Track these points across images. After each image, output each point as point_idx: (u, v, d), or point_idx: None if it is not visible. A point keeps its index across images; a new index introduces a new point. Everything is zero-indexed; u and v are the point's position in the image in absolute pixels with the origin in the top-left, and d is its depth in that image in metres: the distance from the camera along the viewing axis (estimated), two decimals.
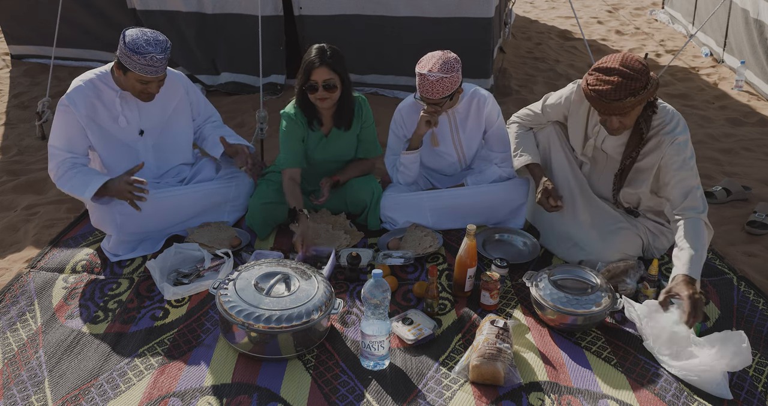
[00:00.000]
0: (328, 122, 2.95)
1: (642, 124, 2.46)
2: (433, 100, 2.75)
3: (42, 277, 2.67)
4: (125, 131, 2.83)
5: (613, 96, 2.27)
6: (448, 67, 2.69)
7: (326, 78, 2.73)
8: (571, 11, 6.95)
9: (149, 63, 2.57)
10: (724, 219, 3.15)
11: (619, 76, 2.26)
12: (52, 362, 2.20)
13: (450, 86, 2.71)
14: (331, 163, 3.05)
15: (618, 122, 2.39)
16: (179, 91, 2.96)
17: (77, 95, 2.70)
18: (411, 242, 2.83)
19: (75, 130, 2.71)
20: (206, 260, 2.65)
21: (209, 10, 4.72)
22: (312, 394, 2.07)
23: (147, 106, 2.85)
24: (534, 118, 2.85)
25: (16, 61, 5.65)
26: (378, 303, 2.06)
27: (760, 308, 2.47)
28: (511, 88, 5.08)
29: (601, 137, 2.61)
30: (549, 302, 2.29)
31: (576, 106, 2.65)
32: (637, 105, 2.31)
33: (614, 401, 2.03)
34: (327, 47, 2.76)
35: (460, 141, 3.02)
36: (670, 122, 2.44)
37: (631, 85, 2.25)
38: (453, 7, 4.36)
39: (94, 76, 2.76)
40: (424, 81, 2.70)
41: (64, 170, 2.70)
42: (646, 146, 2.49)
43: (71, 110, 2.68)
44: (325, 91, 2.75)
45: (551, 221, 2.79)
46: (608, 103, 2.29)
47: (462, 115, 2.97)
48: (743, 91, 5.02)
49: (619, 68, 2.27)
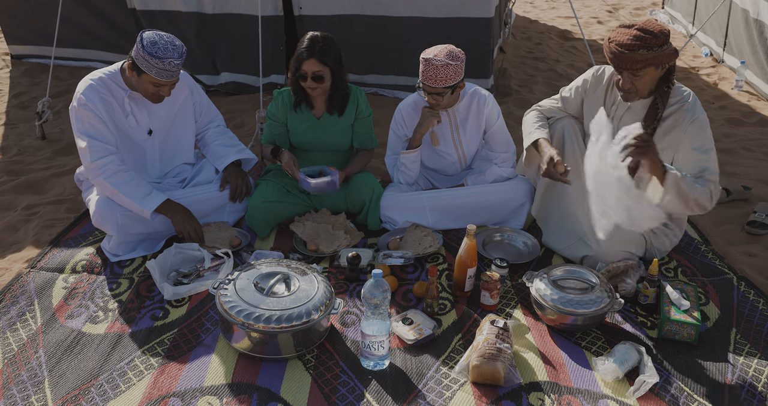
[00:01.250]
0: (321, 106, 2.97)
1: (658, 100, 2.48)
2: (435, 89, 2.75)
3: (42, 277, 2.67)
4: (135, 131, 2.83)
5: (627, 45, 2.31)
6: (452, 55, 2.71)
7: (315, 70, 2.77)
8: (571, 11, 6.95)
9: (166, 67, 2.58)
10: (724, 219, 3.15)
11: (637, 30, 2.32)
12: (52, 362, 2.20)
13: (453, 75, 2.72)
14: (325, 153, 3.07)
15: (629, 82, 2.42)
16: (184, 91, 2.97)
17: (92, 93, 2.68)
18: (411, 242, 2.83)
19: (101, 124, 2.69)
20: (206, 260, 2.66)
21: (209, 10, 4.72)
22: (312, 394, 2.07)
23: (155, 106, 2.86)
24: (555, 106, 2.84)
25: (16, 61, 5.65)
26: (378, 303, 2.06)
27: (760, 308, 2.47)
28: (511, 88, 5.08)
29: (618, 116, 2.61)
30: (549, 302, 2.29)
31: (593, 88, 2.68)
32: (650, 64, 2.33)
33: (614, 401, 2.03)
34: (320, 37, 2.78)
35: (460, 141, 3.02)
36: (689, 100, 2.47)
37: (647, 39, 2.30)
38: (453, 7, 4.36)
39: (103, 75, 2.75)
40: (429, 66, 2.70)
41: (113, 169, 2.66)
42: (665, 124, 2.49)
43: (90, 108, 2.66)
44: (313, 81, 2.79)
45: (560, 214, 2.77)
46: (621, 52, 2.33)
47: (462, 115, 2.97)
48: (743, 91, 5.02)
49: (639, 25, 2.34)
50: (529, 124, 2.84)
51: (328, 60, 2.78)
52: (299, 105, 2.97)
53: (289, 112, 2.99)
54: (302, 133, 3.00)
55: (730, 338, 2.31)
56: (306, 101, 2.96)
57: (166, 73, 2.60)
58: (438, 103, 2.82)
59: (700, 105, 2.49)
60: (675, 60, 2.39)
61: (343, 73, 2.88)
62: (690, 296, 2.39)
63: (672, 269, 2.72)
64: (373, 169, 3.55)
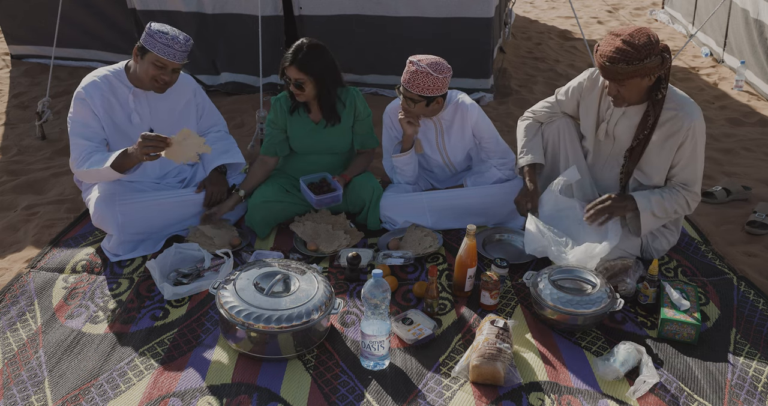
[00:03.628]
0: (318, 111, 2.96)
1: (649, 108, 2.48)
2: (409, 94, 2.76)
3: (42, 277, 2.67)
4: (137, 129, 2.83)
5: (608, 57, 2.33)
6: (438, 67, 2.70)
7: (296, 77, 2.77)
8: (571, 11, 6.96)
9: (170, 44, 2.61)
10: (724, 219, 3.15)
11: (621, 42, 2.31)
12: (52, 362, 2.20)
13: (432, 87, 2.71)
14: (326, 156, 3.06)
15: (616, 90, 2.43)
16: (188, 92, 2.99)
17: (93, 89, 2.71)
18: (411, 242, 2.83)
19: (92, 120, 2.72)
20: (206, 260, 2.66)
21: (209, 10, 4.73)
22: (312, 394, 2.07)
23: (158, 105, 2.86)
24: (548, 110, 2.84)
25: (16, 61, 5.65)
26: (378, 303, 2.06)
27: (760, 308, 2.47)
28: (511, 88, 5.08)
29: (614, 120, 2.61)
30: (549, 302, 2.29)
31: (588, 91, 2.68)
32: (634, 76, 2.33)
33: (614, 401, 2.03)
34: (306, 45, 2.76)
35: (444, 148, 3.03)
36: (687, 105, 2.47)
37: (628, 53, 2.29)
38: (453, 7, 4.36)
39: (108, 73, 2.77)
40: (409, 68, 2.73)
41: (85, 155, 2.68)
42: (662, 129, 2.49)
43: (87, 102, 2.69)
44: (295, 88, 2.80)
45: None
46: (603, 63, 2.35)
47: (447, 123, 2.98)
48: (743, 91, 5.02)
49: (625, 36, 2.32)
50: (520, 136, 2.89)
51: (309, 69, 2.75)
52: (296, 109, 2.96)
53: (287, 117, 2.98)
54: (302, 138, 3.00)
55: (730, 338, 2.31)
56: (303, 105, 2.95)
57: (170, 51, 2.62)
58: (408, 109, 2.82)
59: (697, 112, 2.47)
60: (664, 70, 2.38)
61: (329, 84, 2.83)
62: (690, 296, 2.39)
63: (672, 269, 2.72)
64: (373, 169, 3.54)
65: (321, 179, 2.97)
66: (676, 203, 2.53)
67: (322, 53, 2.78)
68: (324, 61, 2.79)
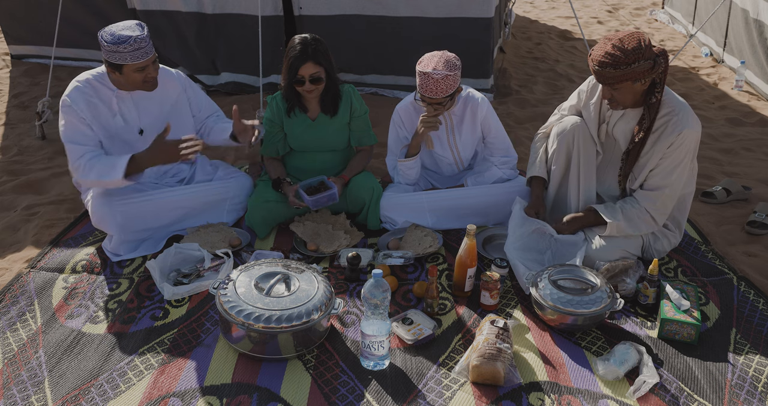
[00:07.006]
0: (315, 108, 2.97)
1: (645, 112, 2.48)
2: (436, 100, 2.75)
3: (42, 277, 2.67)
4: (126, 130, 2.82)
5: (597, 62, 2.36)
6: (450, 65, 2.70)
7: (312, 72, 2.77)
8: (571, 11, 6.95)
9: (136, 47, 2.59)
10: (724, 219, 3.15)
11: (611, 46, 2.33)
12: (52, 362, 2.20)
13: (453, 84, 2.72)
14: (324, 154, 3.06)
15: (609, 93, 2.45)
16: (176, 88, 2.96)
17: (77, 95, 2.70)
18: (411, 242, 2.83)
19: (82, 125, 2.71)
20: (206, 260, 2.66)
21: (209, 10, 4.72)
22: (312, 394, 2.07)
23: (145, 104, 2.85)
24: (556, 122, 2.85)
25: (16, 61, 5.65)
26: (378, 303, 2.06)
27: (760, 308, 2.47)
28: (511, 88, 5.08)
29: (612, 122, 2.62)
30: (549, 302, 2.29)
31: (589, 95, 2.69)
32: (624, 80, 2.35)
33: (614, 401, 2.03)
34: (310, 39, 2.78)
35: (456, 144, 3.02)
36: (683, 111, 2.46)
37: (617, 58, 2.31)
38: (453, 7, 4.36)
39: (90, 77, 2.77)
40: (428, 80, 2.69)
41: (85, 161, 2.67)
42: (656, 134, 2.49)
43: (74, 109, 2.68)
44: (311, 84, 2.80)
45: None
46: (594, 67, 2.38)
47: (458, 118, 2.97)
48: (743, 91, 5.01)
49: (616, 40, 2.34)
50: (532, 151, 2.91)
51: (322, 60, 2.79)
52: (292, 110, 2.96)
53: (284, 116, 2.98)
54: (299, 136, 3.00)
55: (730, 338, 2.31)
56: (299, 105, 2.96)
57: (140, 53, 2.61)
58: (440, 111, 2.82)
59: (693, 121, 2.46)
60: (656, 74, 2.38)
61: (334, 72, 2.88)
62: (690, 296, 2.40)
63: (672, 269, 2.72)
64: (373, 169, 3.55)
65: (319, 183, 2.96)
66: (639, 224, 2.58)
67: (323, 43, 2.83)
68: (327, 51, 2.83)
